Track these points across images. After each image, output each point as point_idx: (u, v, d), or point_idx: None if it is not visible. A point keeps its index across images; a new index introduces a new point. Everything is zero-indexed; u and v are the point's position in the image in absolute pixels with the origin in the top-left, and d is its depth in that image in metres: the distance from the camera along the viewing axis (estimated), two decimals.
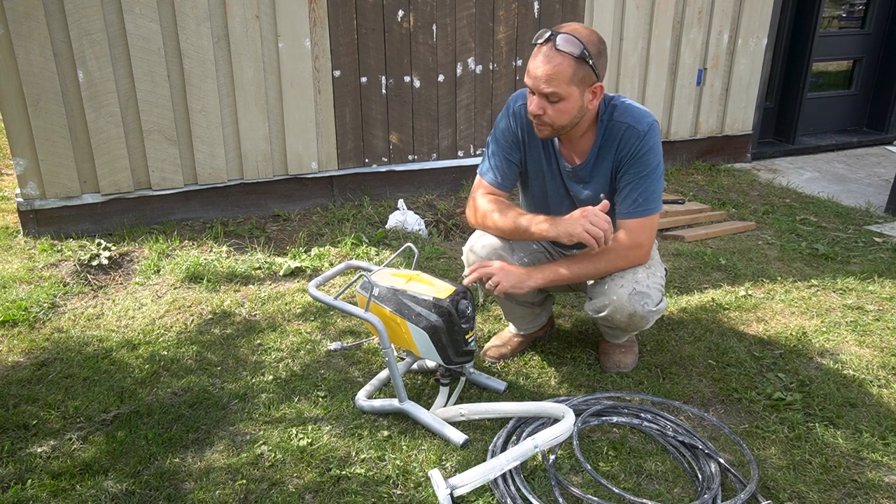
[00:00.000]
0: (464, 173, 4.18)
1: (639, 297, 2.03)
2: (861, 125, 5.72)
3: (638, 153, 2.01)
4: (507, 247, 2.15)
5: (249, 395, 2.19)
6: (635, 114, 2.03)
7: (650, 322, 2.10)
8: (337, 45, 3.64)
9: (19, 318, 2.62)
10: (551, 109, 1.93)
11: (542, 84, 1.90)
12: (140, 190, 3.50)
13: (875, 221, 3.84)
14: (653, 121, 2.03)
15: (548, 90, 1.89)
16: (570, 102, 1.92)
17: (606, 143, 2.06)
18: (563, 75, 1.87)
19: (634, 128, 2.01)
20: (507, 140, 2.15)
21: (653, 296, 2.05)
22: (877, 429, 2.01)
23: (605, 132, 2.05)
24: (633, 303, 2.03)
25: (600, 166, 2.09)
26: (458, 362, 2.03)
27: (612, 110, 2.05)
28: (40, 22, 3.07)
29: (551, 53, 1.87)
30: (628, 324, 2.09)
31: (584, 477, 1.81)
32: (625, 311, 2.05)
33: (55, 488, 1.77)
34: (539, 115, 1.95)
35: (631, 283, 2.04)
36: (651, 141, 2.01)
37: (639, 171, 2.02)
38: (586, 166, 2.10)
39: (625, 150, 2.02)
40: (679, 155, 4.80)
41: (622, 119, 2.03)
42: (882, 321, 2.64)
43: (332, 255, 3.26)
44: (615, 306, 2.05)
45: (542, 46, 1.89)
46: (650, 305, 2.04)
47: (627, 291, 2.03)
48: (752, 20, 4.63)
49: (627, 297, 2.03)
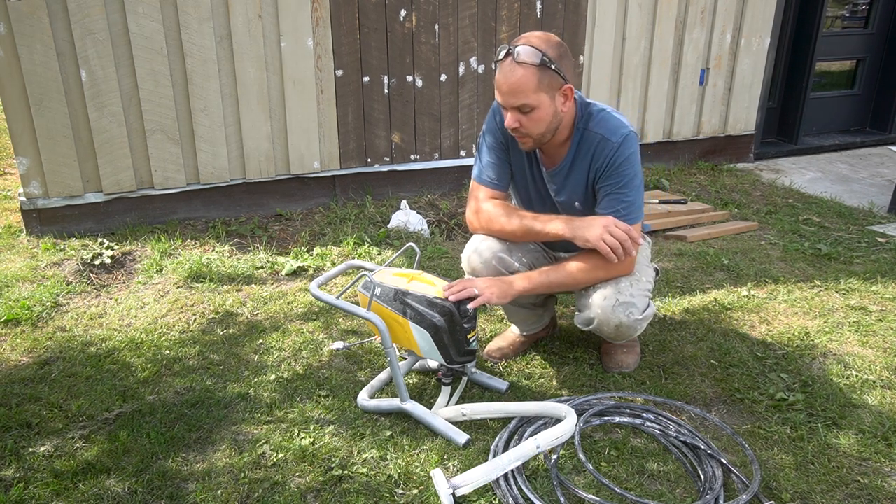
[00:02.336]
0: (466, 173, 4.17)
1: (623, 308, 2.03)
2: (864, 125, 5.71)
3: (613, 164, 2.00)
4: (505, 248, 2.15)
5: (252, 394, 2.19)
6: (610, 125, 2.02)
7: (639, 330, 2.10)
8: (339, 44, 3.64)
9: (22, 317, 2.62)
10: (526, 120, 1.94)
11: (510, 98, 1.92)
12: (143, 189, 3.51)
13: (878, 222, 3.83)
14: (628, 132, 2.01)
15: (517, 103, 1.91)
16: (543, 110, 1.93)
17: (581, 152, 2.06)
18: (528, 85, 1.88)
19: (608, 139, 2.00)
20: (496, 141, 2.17)
21: (638, 304, 2.05)
22: (880, 429, 2.01)
23: (579, 140, 2.05)
24: (618, 314, 2.03)
25: (574, 173, 2.09)
26: (459, 362, 2.03)
27: (588, 118, 2.04)
28: (43, 21, 3.08)
29: (512, 67, 1.89)
30: (616, 334, 2.10)
31: (587, 477, 1.81)
32: (611, 323, 2.05)
33: (57, 487, 1.78)
34: (516, 127, 1.96)
35: (614, 295, 2.04)
36: (626, 152, 2.00)
37: (616, 181, 2.01)
38: (561, 171, 2.11)
39: (600, 162, 2.02)
40: (681, 155, 4.80)
41: (597, 130, 2.02)
42: (885, 322, 2.63)
43: (335, 255, 3.26)
44: (600, 319, 2.06)
45: (503, 62, 1.92)
46: (636, 314, 2.04)
47: (611, 303, 2.04)
48: (755, 20, 4.62)
49: (612, 309, 2.03)
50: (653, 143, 4.64)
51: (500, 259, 2.13)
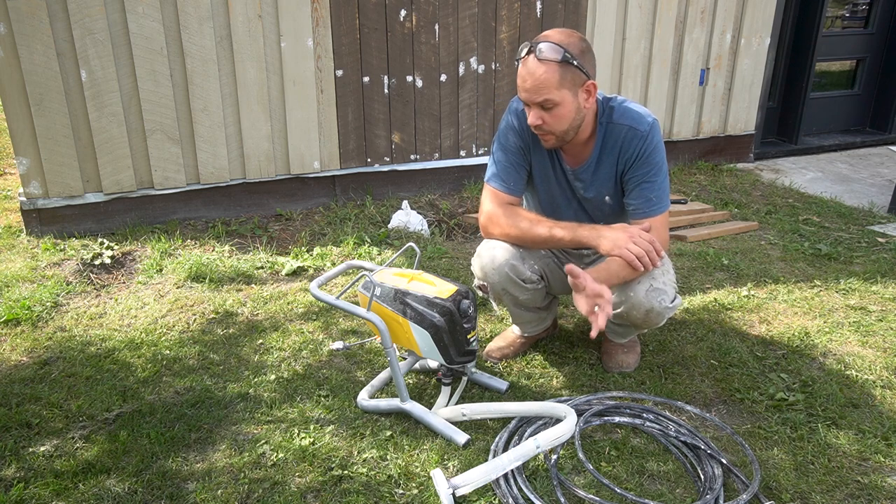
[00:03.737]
0: (466, 173, 4.18)
1: (656, 294, 2.04)
2: (864, 125, 5.70)
3: (644, 154, 2.02)
4: (518, 255, 2.14)
5: (252, 394, 2.19)
6: (634, 115, 2.04)
7: (665, 318, 2.11)
8: (339, 44, 3.64)
9: (22, 317, 2.62)
10: (548, 117, 1.94)
11: (533, 95, 1.92)
12: (142, 189, 3.51)
13: (878, 222, 3.83)
14: (653, 120, 2.04)
15: (539, 99, 1.91)
16: (566, 106, 1.93)
17: (607, 146, 2.07)
18: (550, 82, 1.89)
19: (636, 129, 2.02)
20: (513, 144, 2.15)
21: (668, 292, 2.07)
22: (880, 429, 2.01)
23: (605, 134, 2.06)
24: (651, 299, 2.04)
25: (602, 168, 2.10)
26: (459, 362, 2.03)
27: (610, 112, 2.05)
28: (43, 21, 3.08)
29: (535, 64, 1.89)
30: (644, 320, 2.10)
31: (587, 477, 1.81)
32: (642, 308, 2.06)
33: (57, 487, 1.78)
34: (539, 125, 1.96)
35: (648, 280, 2.05)
36: (654, 140, 2.03)
37: (648, 170, 2.03)
38: (588, 168, 2.11)
39: (629, 153, 2.03)
40: (682, 155, 4.79)
41: (622, 121, 2.03)
42: (885, 322, 2.63)
43: (335, 255, 3.26)
44: (632, 303, 2.06)
45: (526, 59, 1.92)
46: (666, 301, 2.06)
47: (645, 288, 2.04)
48: (755, 20, 4.62)
49: (645, 294, 2.04)
50: None
51: (512, 267, 2.13)
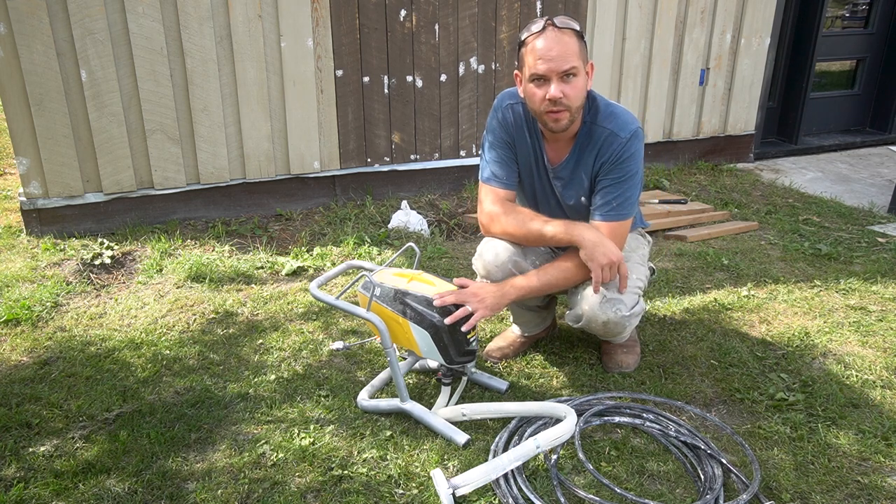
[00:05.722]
0: (466, 173, 4.18)
1: (610, 305, 2.02)
2: (864, 125, 5.70)
3: (619, 159, 2.01)
4: (519, 252, 2.14)
5: (252, 394, 2.19)
6: (619, 121, 2.02)
7: (628, 327, 2.09)
8: (339, 44, 3.64)
9: (22, 317, 2.62)
10: (569, 89, 1.91)
11: (560, 63, 1.88)
12: (142, 189, 3.51)
13: (878, 221, 3.83)
14: (636, 128, 2.01)
15: (567, 66, 1.89)
16: (581, 79, 1.94)
17: (587, 146, 2.05)
18: (573, 49, 1.90)
19: (617, 135, 2.00)
20: (501, 139, 2.15)
21: (626, 301, 2.04)
22: (880, 429, 2.01)
23: (586, 133, 2.05)
24: (605, 310, 2.02)
25: (579, 168, 2.09)
26: (459, 362, 2.03)
27: (595, 112, 2.04)
28: (43, 21, 3.08)
29: (556, 33, 1.89)
30: (605, 331, 2.09)
31: (587, 477, 1.81)
32: (598, 320, 2.04)
33: (57, 487, 1.78)
34: (559, 98, 1.91)
35: (602, 291, 2.02)
36: (633, 148, 2.00)
37: (618, 175, 2.02)
38: (566, 166, 2.10)
39: (606, 156, 2.02)
40: (681, 155, 4.79)
41: (605, 125, 2.02)
42: (885, 322, 2.63)
43: (335, 255, 3.26)
44: (588, 316, 2.05)
45: (543, 32, 1.91)
46: (623, 311, 2.03)
47: (598, 300, 2.03)
48: (755, 20, 4.62)
49: (599, 305, 2.03)
50: (653, 143, 4.63)
51: (514, 263, 2.12)
